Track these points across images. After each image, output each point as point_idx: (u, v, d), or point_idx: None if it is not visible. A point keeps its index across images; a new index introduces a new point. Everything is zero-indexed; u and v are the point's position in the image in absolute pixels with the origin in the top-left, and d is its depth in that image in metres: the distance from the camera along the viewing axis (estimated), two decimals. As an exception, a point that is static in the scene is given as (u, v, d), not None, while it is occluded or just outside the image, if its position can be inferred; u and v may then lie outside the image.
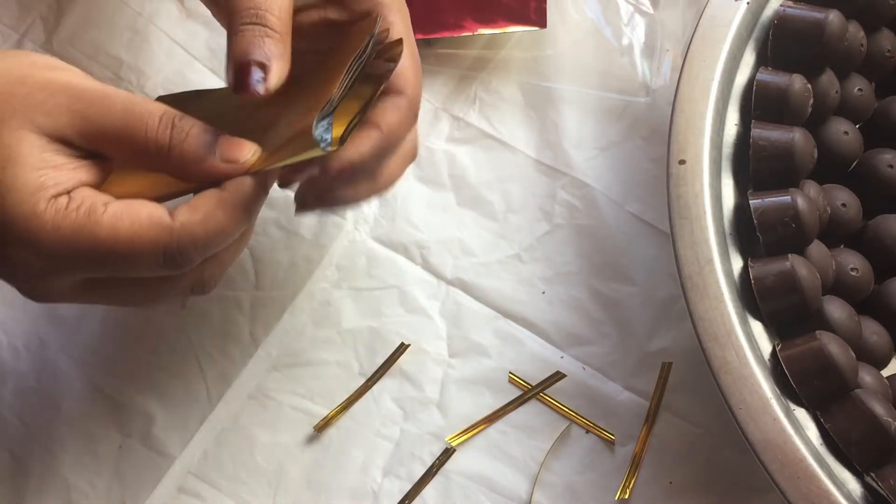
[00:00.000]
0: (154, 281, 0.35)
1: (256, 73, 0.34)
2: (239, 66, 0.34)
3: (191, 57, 0.54)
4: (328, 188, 0.38)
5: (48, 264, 0.33)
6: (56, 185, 0.33)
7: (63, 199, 0.32)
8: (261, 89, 0.34)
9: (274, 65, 0.35)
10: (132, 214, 0.33)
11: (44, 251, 0.32)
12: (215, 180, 0.34)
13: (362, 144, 0.37)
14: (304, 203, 0.39)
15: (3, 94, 0.33)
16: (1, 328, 0.49)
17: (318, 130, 0.34)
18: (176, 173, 0.35)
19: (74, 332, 0.49)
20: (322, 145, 0.34)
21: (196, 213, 0.33)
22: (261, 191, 0.35)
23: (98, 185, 0.35)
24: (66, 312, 0.49)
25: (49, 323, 0.49)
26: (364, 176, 0.38)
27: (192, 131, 0.34)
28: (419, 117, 0.52)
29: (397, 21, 0.38)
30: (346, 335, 0.49)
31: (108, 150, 0.34)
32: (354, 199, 0.39)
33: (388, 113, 0.37)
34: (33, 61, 0.34)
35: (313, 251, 0.50)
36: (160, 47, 0.54)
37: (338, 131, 0.35)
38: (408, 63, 0.38)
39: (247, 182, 0.34)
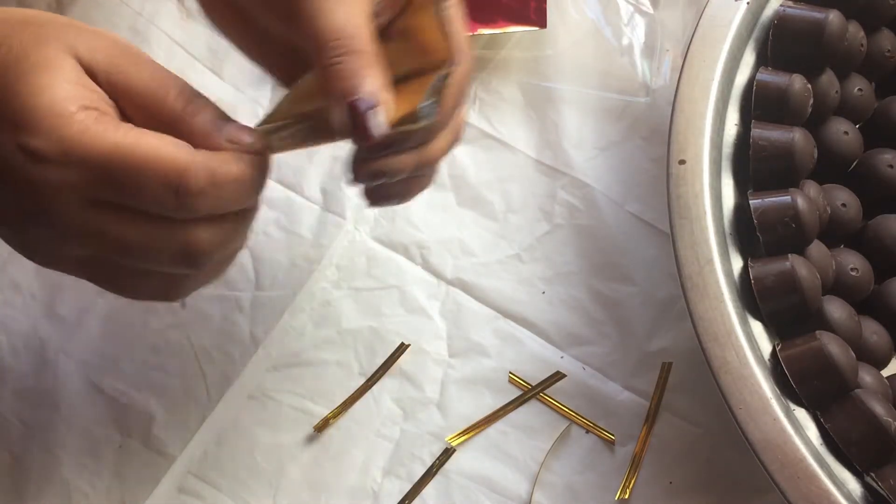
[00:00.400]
0: (153, 227, 0.34)
1: (372, 117, 0.34)
2: (349, 107, 0.34)
3: (191, 57, 0.54)
4: (375, 160, 0.37)
5: (64, 164, 0.32)
6: (92, 101, 0.33)
7: (94, 112, 0.33)
8: (380, 131, 0.34)
9: (382, 96, 0.34)
10: (158, 136, 0.33)
11: (67, 145, 0.32)
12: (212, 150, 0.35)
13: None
14: (378, 197, 0.38)
15: (50, 22, 0.34)
16: (1, 328, 0.49)
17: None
18: (181, 138, 0.35)
19: (74, 332, 0.49)
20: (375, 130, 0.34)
21: (216, 156, 0.34)
22: (268, 167, 0.36)
23: None
24: (66, 312, 0.49)
25: (49, 323, 0.49)
26: (413, 149, 0.37)
27: (205, 109, 0.35)
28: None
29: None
30: (346, 335, 0.49)
31: (125, 104, 0.35)
32: (400, 172, 0.38)
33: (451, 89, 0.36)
34: (76, 21, 0.36)
35: (313, 251, 0.50)
36: (160, 47, 0.54)
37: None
38: (460, 37, 0.36)
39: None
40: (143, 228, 0.34)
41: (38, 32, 0.34)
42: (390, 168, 0.36)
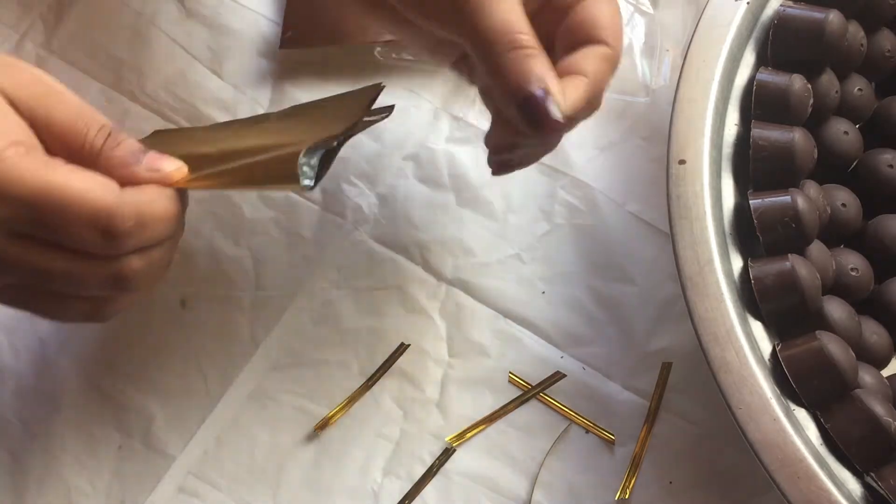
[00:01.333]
0: (80, 262, 0.35)
1: (551, 103, 0.34)
2: (525, 100, 0.34)
3: (191, 57, 0.54)
4: (535, 146, 0.38)
5: None
6: (18, 136, 0.34)
7: (23, 149, 0.33)
8: (559, 115, 0.34)
9: (553, 86, 0.34)
10: (88, 174, 0.34)
11: None
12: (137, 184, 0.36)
13: (575, 92, 0.35)
14: (506, 166, 0.39)
15: None
16: (1, 328, 0.49)
17: (304, 161, 0.35)
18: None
19: (74, 332, 0.49)
20: (305, 180, 0.35)
21: (142, 194, 0.35)
22: (185, 201, 0.37)
23: None
24: (66, 312, 0.49)
25: (49, 323, 0.49)
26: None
27: (124, 142, 0.36)
28: (420, 118, 0.52)
29: (603, 10, 0.37)
30: (346, 335, 0.49)
31: (47, 139, 0.35)
32: (544, 153, 0.39)
33: (593, 61, 0.36)
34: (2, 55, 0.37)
35: (313, 251, 0.50)
36: (160, 47, 0.54)
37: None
38: (609, 13, 0.37)
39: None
40: (71, 261, 0.35)
41: None
42: (538, 155, 0.38)
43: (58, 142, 0.35)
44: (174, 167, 0.36)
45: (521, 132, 0.36)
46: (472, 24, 0.34)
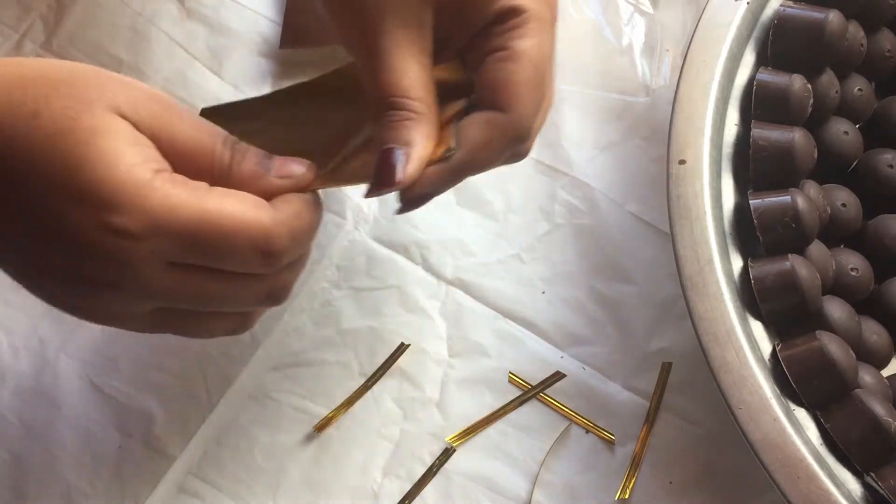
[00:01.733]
0: (237, 283, 0.35)
1: (399, 166, 0.34)
2: (381, 154, 0.35)
3: (191, 57, 0.54)
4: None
5: (151, 236, 0.32)
6: (157, 160, 0.32)
7: (167, 174, 0.32)
8: (399, 175, 0.34)
9: (414, 150, 0.35)
10: (239, 196, 0.33)
11: (153, 217, 0.31)
12: (274, 195, 0.35)
13: (436, 173, 0.36)
14: (413, 204, 0.38)
15: (85, 79, 0.33)
16: (1, 328, 0.49)
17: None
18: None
19: (74, 332, 0.49)
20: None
21: (290, 208, 0.34)
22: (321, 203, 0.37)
23: None
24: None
25: (49, 323, 0.49)
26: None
27: (248, 152, 0.35)
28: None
29: (516, 73, 0.36)
30: (346, 335, 0.49)
31: (171, 158, 0.34)
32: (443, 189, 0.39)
33: (475, 129, 0.36)
34: (104, 69, 0.35)
35: (313, 251, 0.50)
36: (160, 47, 0.54)
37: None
38: (524, 77, 0.36)
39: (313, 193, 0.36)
40: (227, 282, 0.35)
41: (74, 93, 0.32)
42: (435, 191, 0.37)
43: (183, 160, 0.34)
44: (303, 168, 0.36)
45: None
46: (370, 71, 0.35)
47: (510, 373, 0.48)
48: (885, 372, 0.44)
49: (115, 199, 0.31)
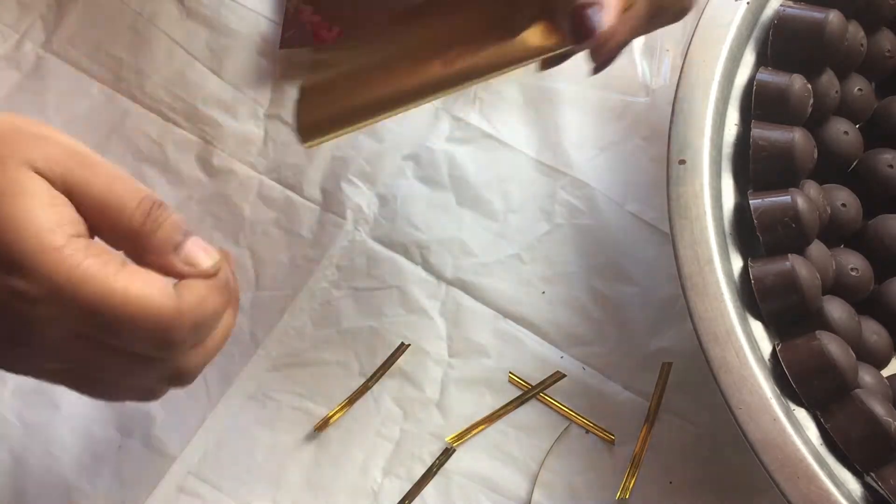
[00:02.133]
0: (138, 362, 0.34)
1: (594, 10, 0.35)
2: (574, 13, 0.35)
3: (191, 57, 0.54)
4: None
5: (53, 303, 0.31)
6: (73, 223, 0.32)
7: (83, 241, 0.32)
8: (600, 25, 0.35)
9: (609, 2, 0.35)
10: (147, 279, 0.33)
11: (56, 285, 0.31)
12: (174, 277, 0.34)
13: (627, 21, 0.37)
14: (609, 57, 0.39)
15: (0, 134, 0.32)
16: (1, 328, 0.49)
17: None
18: (139, 256, 0.35)
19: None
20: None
21: (191, 296, 0.34)
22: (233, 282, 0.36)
23: None
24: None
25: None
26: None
27: (165, 223, 0.34)
28: (420, 117, 0.52)
29: None
30: (346, 335, 0.49)
31: (84, 214, 0.33)
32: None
33: None
34: (22, 119, 0.34)
35: (313, 251, 0.50)
36: (160, 47, 0.54)
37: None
38: None
39: (226, 271, 0.35)
40: (130, 361, 0.34)
41: None
42: (628, 41, 0.38)
43: (98, 218, 0.33)
44: (211, 262, 0.35)
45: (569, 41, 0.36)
46: None
47: (510, 373, 0.48)
48: (885, 372, 0.44)
49: (21, 263, 0.31)
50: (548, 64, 0.37)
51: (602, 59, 0.38)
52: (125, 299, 0.32)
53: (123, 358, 0.34)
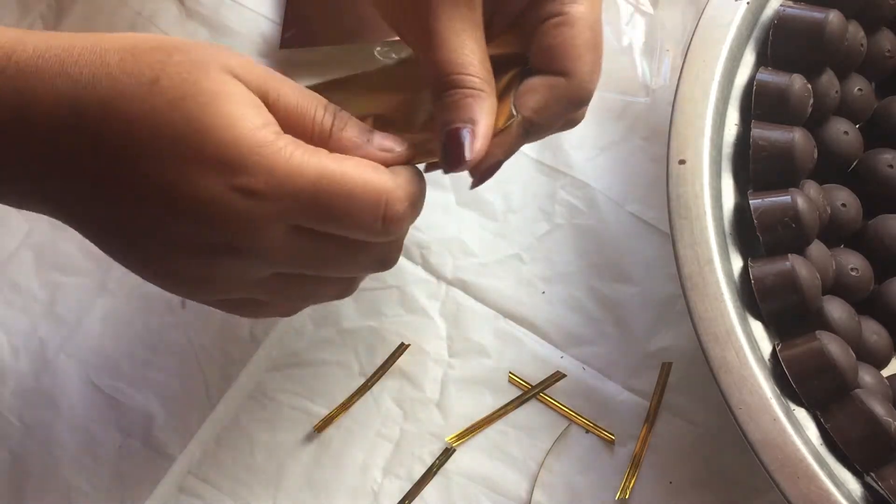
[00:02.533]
0: (355, 246, 0.35)
1: (465, 136, 0.35)
2: (447, 135, 0.35)
3: (191, 57, 0.54)
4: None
5: (277, 197, 0.32)
6: (274, 123, 0.33)
7: (289, 137, 0.33)
8: (468, 154, 0.35)
9: (479, 127, 0.35)
10: (358, 161, 0.34)
11: (279, 178, 0.32)
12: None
13: (501, 143, 0.36)
14: (484, 177, 0.39)
15: (196, 46, 0.33)
16: (1, 328, 0.49)
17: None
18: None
19: (74, 332, 0.49)
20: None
21: (405, 176, 0.35)
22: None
23: None
24: (65, 312, 0.49)
25: (49, 323, 0.49)
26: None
27: (350, 121, 0.35)
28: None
29: (574, 37, 0.36)
30: (346, 335, 0.49)
31: (278, 118, 0.34)
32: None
33: (536, 94, 0.36)
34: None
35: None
36: (160, 47, 0.54)
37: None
38: (582, 41, 0.36)
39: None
40: (345, 247, 0.35)
41: (190, 58, 0.32)
42: (503, 160, 0.38)
43: (288, 123, 0.34)
44: (403, 146, 0.36)
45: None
46: (426, 52, 0.35)
47: (510, 373, 0.48)
48: (885, 372, 0.44)
49: (241, 160, 0.31)
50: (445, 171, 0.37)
51: (479, 178, 0.38)
52: (344, 178, 0.33)
53: (341, 246, 0.35)
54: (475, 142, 0.35)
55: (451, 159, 0.35)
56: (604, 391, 0.48)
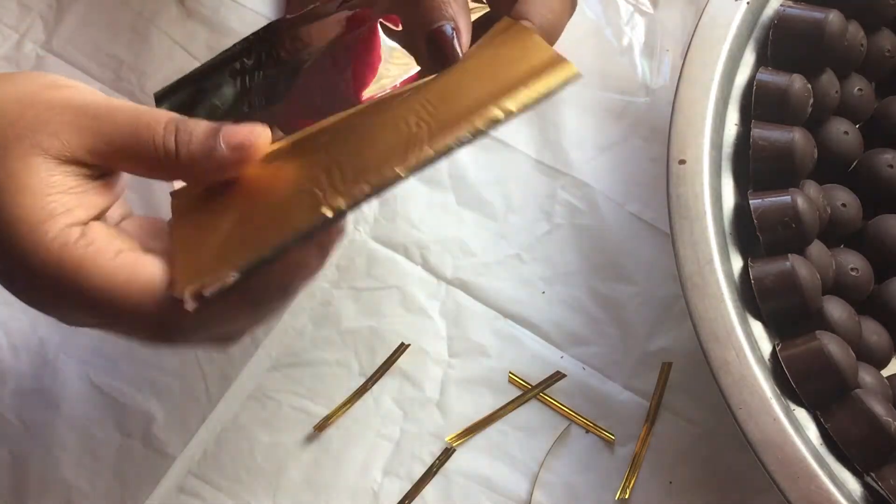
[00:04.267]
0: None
1: (448, 31, 0.35)
2: (433, 34, 0.35)
3: (191, 57, 0.54)
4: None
5: (46, 298, 0.32)
6: (67, 211, 0.32)
7: (75, 231, 0.32)
8: (458, 48, 0.35)
9: (462, 24, 0.35)
10: (131, 271, 0.32)
11: (44, 285, 0.32)
12: (228, 175, 0.34)
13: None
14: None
15: (8, 119, 0.32)
16: (1, 328, 0.49)
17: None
18: (189, 178, 0.34)
19: (74, 332, 0.49)
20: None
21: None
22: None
23: (110, 206, 0.34)
24: (66, 312, 0.49)
25: (49, 323, 0.49)
26: None
27: (196, 129, 0.33)
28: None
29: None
30: (346, 335, 0.49)
31: (118, 165, 0.34)
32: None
33: (541, 6, 0.37)
34: (39, 82, 0.34)
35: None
36: (160, 47, 0.54)
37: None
38: None
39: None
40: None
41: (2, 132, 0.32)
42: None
43: (131, 162, 0.33)
44: (256, 133, 0.33)
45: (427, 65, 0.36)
46: None
47: (510, 373, 0.48)
48: (885, 372, 0.44)
49: (18, 258, 0.31)
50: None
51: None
52: (106, 291, 0.32)
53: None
54: (462, 36, 0.35)
55: (445, 57, 0.35)
56: (604, 391, 0.48)
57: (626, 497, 0.46)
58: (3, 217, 0.31)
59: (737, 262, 0.43)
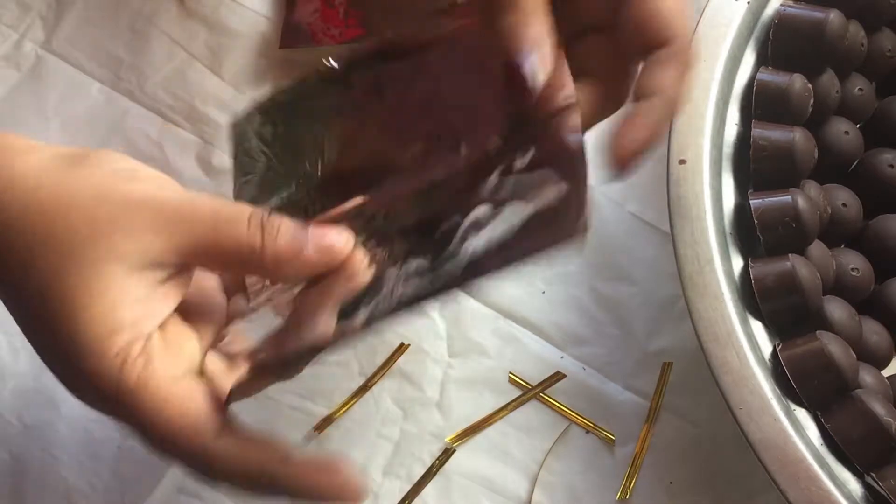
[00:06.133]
0: None
1: (529, 72, 0.33)
2: (508, 67, 0.33)
3: (191, 57, 0.54)
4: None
5: (105, 408, 0.32)
6: (133, 324, 0.31)
7: (137, 348, 0.31)
8: (537, 83, 0.33)
9: (541, 54, 0.33)
10: (183, 403, 0.32)
11: (104, 397, 0.31)
12: (313, 275, 0.33)
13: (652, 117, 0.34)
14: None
15: (84, 217, 0.31)
16: (1, 328, 0.49)
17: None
18: (273, 275, 0.33)
19: (74, 332, 0.49)
20: None
21: (237, 435, 0.33)
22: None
23: (173, 311, 0.33)
24: (65, 312, 0.49)
25: (49, 323, 0.49)
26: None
27: (281, 227, 0.32)
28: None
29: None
30: (346, 335, 0.49)
31: (198, 261, 0.32)
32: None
33: (660, 72, 0.34)
34: (115, 170, 0.32)
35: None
36: (160, 47, 0.54)
37: None
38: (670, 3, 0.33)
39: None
40: None
41: (73, 251, 0.30)
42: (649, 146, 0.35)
43: (211, 259, 0.32)
44: (343, 236, 0.32)
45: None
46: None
47: (510, 373, 0.48)
48: (886, 372, 0.44)
49: (77, 368, 0.31)
50: None
51: (623, 169, 0.36)
52: (154, 423, 0.31)
53: None
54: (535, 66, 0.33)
55: (519, 89, 0.33)
56: (604, 391, 0.48)
57: (627, 497, 0.46)
58: (71, 325, 0.30)
59: (737, 262, 0.43)
